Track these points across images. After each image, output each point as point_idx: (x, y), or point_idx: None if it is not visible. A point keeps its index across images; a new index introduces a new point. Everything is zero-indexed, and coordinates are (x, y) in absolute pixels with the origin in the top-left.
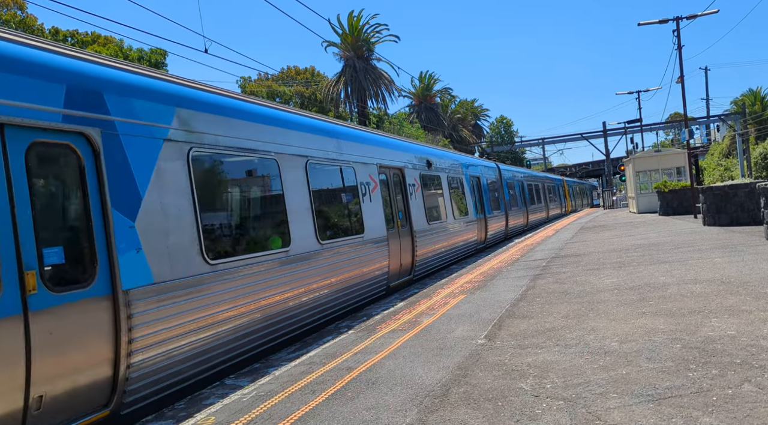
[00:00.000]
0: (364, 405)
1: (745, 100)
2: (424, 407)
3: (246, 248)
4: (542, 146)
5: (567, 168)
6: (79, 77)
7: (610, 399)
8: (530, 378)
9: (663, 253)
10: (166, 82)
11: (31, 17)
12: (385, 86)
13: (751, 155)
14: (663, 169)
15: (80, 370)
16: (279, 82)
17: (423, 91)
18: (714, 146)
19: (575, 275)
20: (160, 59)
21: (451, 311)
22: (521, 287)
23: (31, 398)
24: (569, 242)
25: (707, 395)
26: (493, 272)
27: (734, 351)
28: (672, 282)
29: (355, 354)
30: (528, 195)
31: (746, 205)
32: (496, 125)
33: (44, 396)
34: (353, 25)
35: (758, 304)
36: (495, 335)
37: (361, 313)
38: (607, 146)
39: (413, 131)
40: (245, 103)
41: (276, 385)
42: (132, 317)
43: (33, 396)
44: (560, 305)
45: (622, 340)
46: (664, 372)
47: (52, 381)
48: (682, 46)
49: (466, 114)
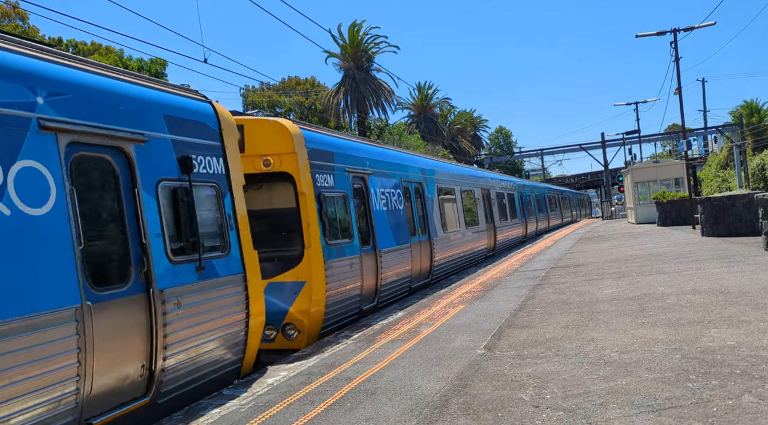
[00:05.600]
0: (363, 416)
1: (742, 111)
2: (424, 418)
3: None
4: (541, 157)
5: (566, 179)
6: None
7: (610, 410)
8: (530, 389)
9: (662, 263)
10: None
11: (33, 28)
12: (384, 97)
13: (748, 166)
14: (661, 180)
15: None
16: (279, 92)
17: (422, 102)
18: (712, 157)
19: (574, 285)
20: (160, 69)
21: (450, 322)
22: (521, 298)
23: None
24: (568, 253)
25: (707, 406)
26: (492, 283)
27: (734, 361)
28: (671, 293)
29: (354, 364)
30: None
31: (744, 216)
32: (495, 135)
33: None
34: (353, 36)
35: (757, 314)
36: (494, 345)
37: (360, 323)
38: (605, 157)
39: (413, 141)
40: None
41: (274, 396)
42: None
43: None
44: (560, 316)
45: (622, 350)
46: (664, 383)
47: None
48: (679, 57)
49: (466, 125)
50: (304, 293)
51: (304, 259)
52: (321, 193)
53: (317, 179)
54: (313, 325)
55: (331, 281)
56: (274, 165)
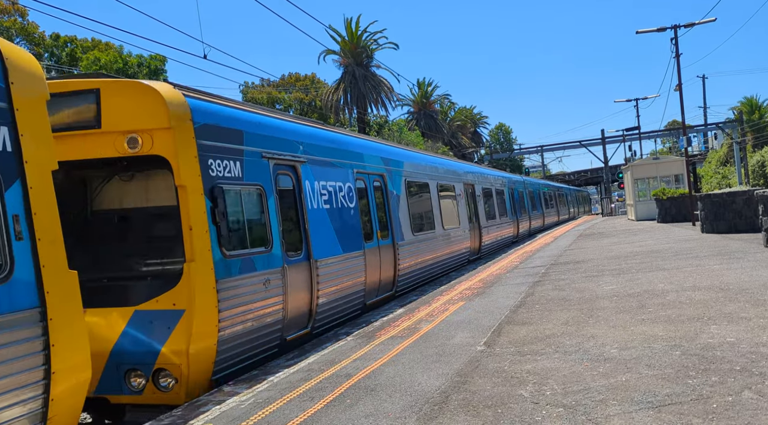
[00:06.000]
0: (362, 412)
1: (742, 108)
2: (424, 414)
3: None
4: (541, 154)
5: (566, 175)
6: None
7: (610, 406)
8: (530, 385)
9: (662, 260)
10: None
11: (32, 24)
12: (384, 93)
13: (748, 163)
14: (661, 176)
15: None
16: (279, 89)
17: (422, 99)
18: (712, 153)
19: (574, 282)
20: (159, 66)
21: (450, 318)
22: (520, 294)
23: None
24: (568, 249)
25: (707, 402)
26: (492, 279)
27: (734, 358)
28: (671, 289)
29: (354, 360)
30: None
31: (744, 212)
32: (495, 132)
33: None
34: (352, 32)
35: (757, 311)
36: (494, 341)
37: (360, 320)
38: (605, 154)
39: (413, 138)
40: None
41: (274, 392)
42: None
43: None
44: (560, 312)
45: (622, 347)
46: (664, 379)
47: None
48: (680, 54)
49: (466, 121)
50: (182, 326)
51: (182, 278)
52: (217, 186)
53: (212, 167)
54: (197, 371)
55: (229, 307)
56: (143, 146)
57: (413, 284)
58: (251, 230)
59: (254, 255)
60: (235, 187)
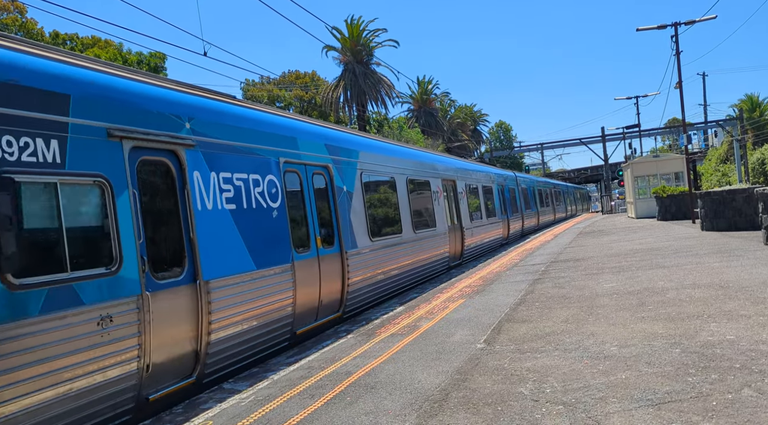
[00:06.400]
0: (363, 410)
1: (743, 105)
2: (424, 412)
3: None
4: (541, 151)
5: (566, 173)
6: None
7: (610, 404)
8: (530, 383)
9: (662, 258)
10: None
11: (31, 21)
12: (385, 91)
13: (748, 161)
14: (661, 174)
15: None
16: (279, 86)
17: (422, 96)
18: (712, 151)
19: (574, 279)
20: (159, 63)
21: (450, 316)
22: (520, 292)
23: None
24: (568, 247)
25: (707, 400)
26: (492, 277)
27: (734, 355)
28: (671, 287)
29: (354, 358)
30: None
31: (744, 210)
32: (495, 130)
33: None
34: (353, 30)
35: (757, 309)
36: (494, 339)
37: (360, 317)
38: (605, 152)
39: (413, 135)
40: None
41: (274, 390)
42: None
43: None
44: (559, 310)
45: (622, 345)
46: (664, 377)
47: None
48: (680, 51)
49: (466, 119)
50: None
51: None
52: (2, 176)
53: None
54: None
55: (11, 370)
56: None
57: (371, 301)
58: (74, 242)
59: (79, 281)
60: (46, 178)
